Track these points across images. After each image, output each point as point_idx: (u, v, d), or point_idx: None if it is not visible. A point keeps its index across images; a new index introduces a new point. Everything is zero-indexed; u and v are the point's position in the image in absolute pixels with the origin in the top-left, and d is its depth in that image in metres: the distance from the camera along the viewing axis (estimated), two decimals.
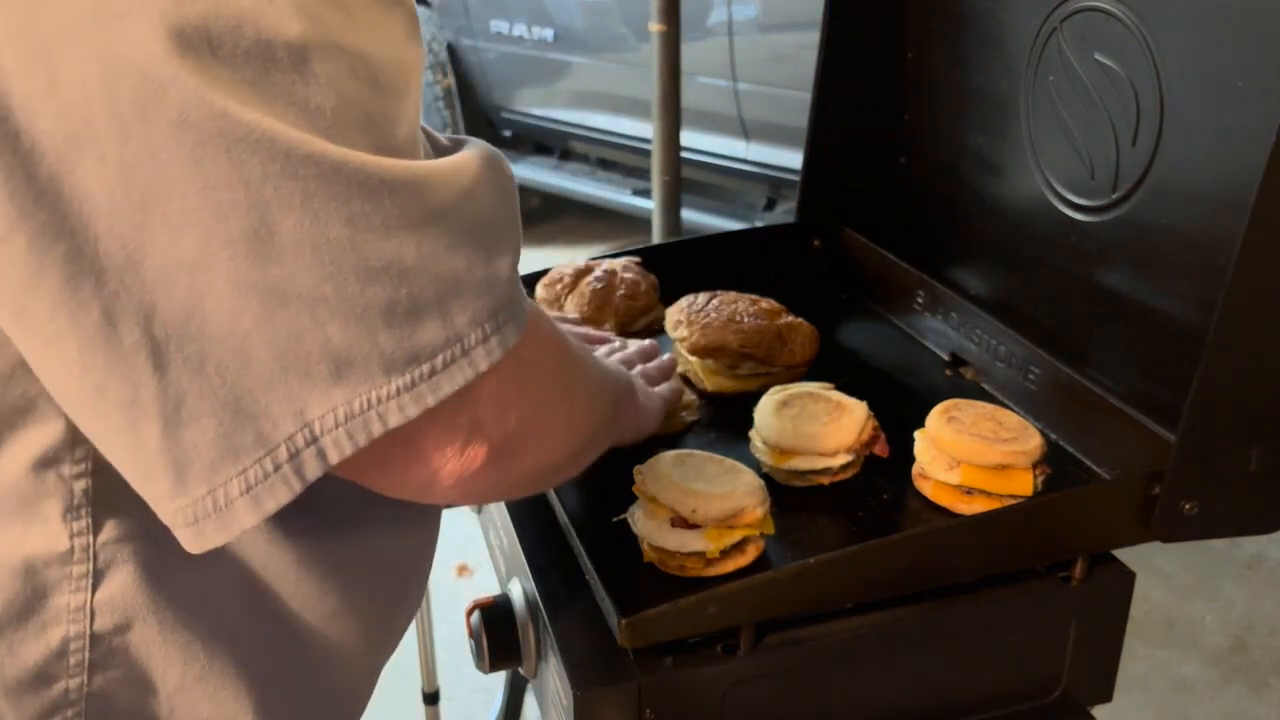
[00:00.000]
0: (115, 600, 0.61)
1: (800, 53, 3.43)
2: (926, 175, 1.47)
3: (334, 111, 0.52)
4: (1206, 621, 2.62)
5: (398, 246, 0.54)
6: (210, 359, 0.52)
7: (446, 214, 0.56)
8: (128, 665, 0.62)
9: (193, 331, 0.52)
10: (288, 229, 0.51)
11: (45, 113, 0.49)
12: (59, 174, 0.49)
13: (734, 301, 1.29)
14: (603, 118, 4.32)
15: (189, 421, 0.53)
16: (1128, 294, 1.12)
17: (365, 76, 0.54)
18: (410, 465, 0.60)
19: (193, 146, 0.49)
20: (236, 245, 0.51)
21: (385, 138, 0.55)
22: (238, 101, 0.50)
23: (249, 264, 0.51)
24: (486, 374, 0.58)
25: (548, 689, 0.97)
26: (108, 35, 0.48)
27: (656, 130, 2.54)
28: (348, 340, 0.54)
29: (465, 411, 0.60)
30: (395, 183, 0.54)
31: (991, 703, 1.01)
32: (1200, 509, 0.94)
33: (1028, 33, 1.22)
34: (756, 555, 0.93)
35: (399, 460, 0.60)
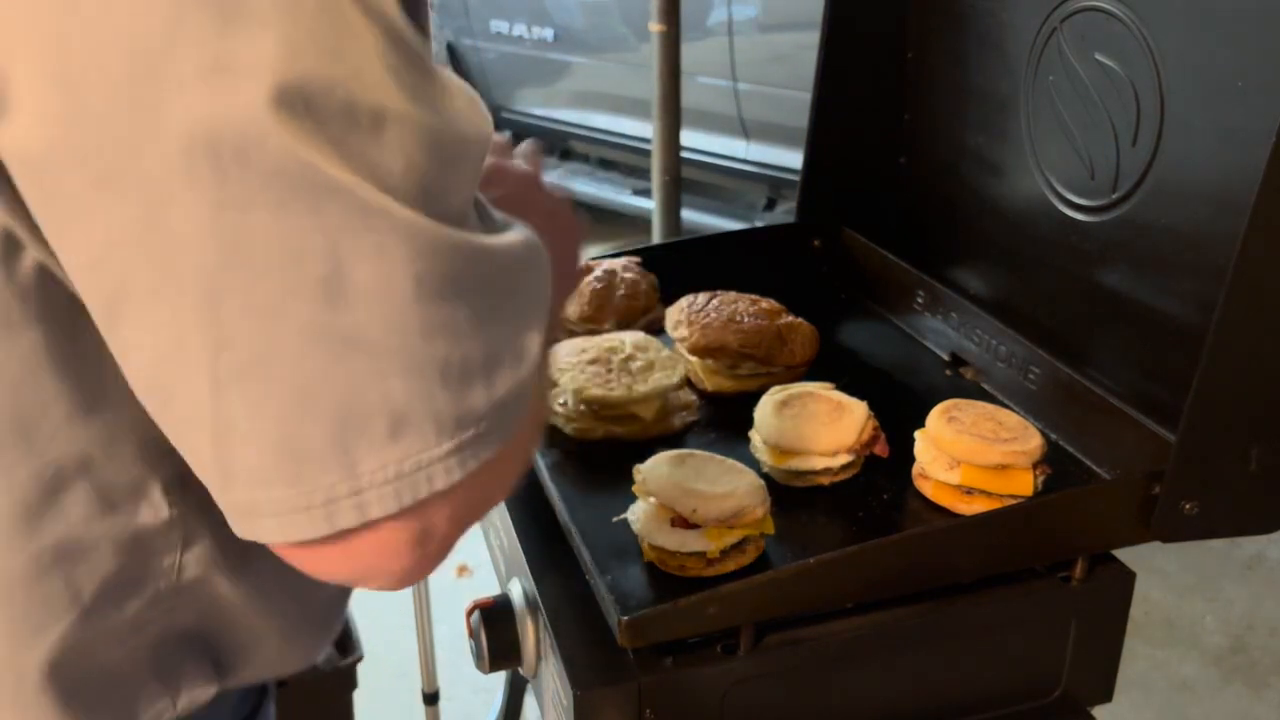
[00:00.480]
0: (199, 557, 0.70)
1: (800, 53, 3.43)
2: (926, 175, 1.48)
3: (402, 175, 0.55)
4: (1206, 621, 2.63)
5: (454, 309, 0.56)
6: (271, 400, 0.54)
7: (496, 284, 0.59)
8: (201, 605, 0.73)
9: (259, 373, 0.54)
10: (360, 278, 0.53)
11: (150, 153, 0.52)
12: (156, 212, 0.53)
13: (734, 301, 1.29)
14: (603, 118, 4.32)
15: (239, 444, 0.55)
16: (1128, 294, 1.12)
17: (429, 146, 0.57)
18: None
19: (281, 193, 0.52)
20: (312, 290, 0.53)
21: (441, 205, 0.57)
22: (323, 156, 0.53)
23: (322, 309, 0.53)
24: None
25: (547, 689, 0.97)
26: (220, 87, 0.51)
27: (656, 130, 2.54)
28: (408, 396, 0.55)
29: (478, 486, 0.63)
30: (454, 247, 0.57)
31: (991, 703, 1.01)
32: (1200, 509, 0.94)
33: (1028, 33, 1.22)
34: (756, 555, 0.94)
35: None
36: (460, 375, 0.57)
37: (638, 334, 1.23)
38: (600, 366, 1.14)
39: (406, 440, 0.56)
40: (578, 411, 1.14)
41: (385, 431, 0.55)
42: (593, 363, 1.15)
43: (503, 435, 0.60)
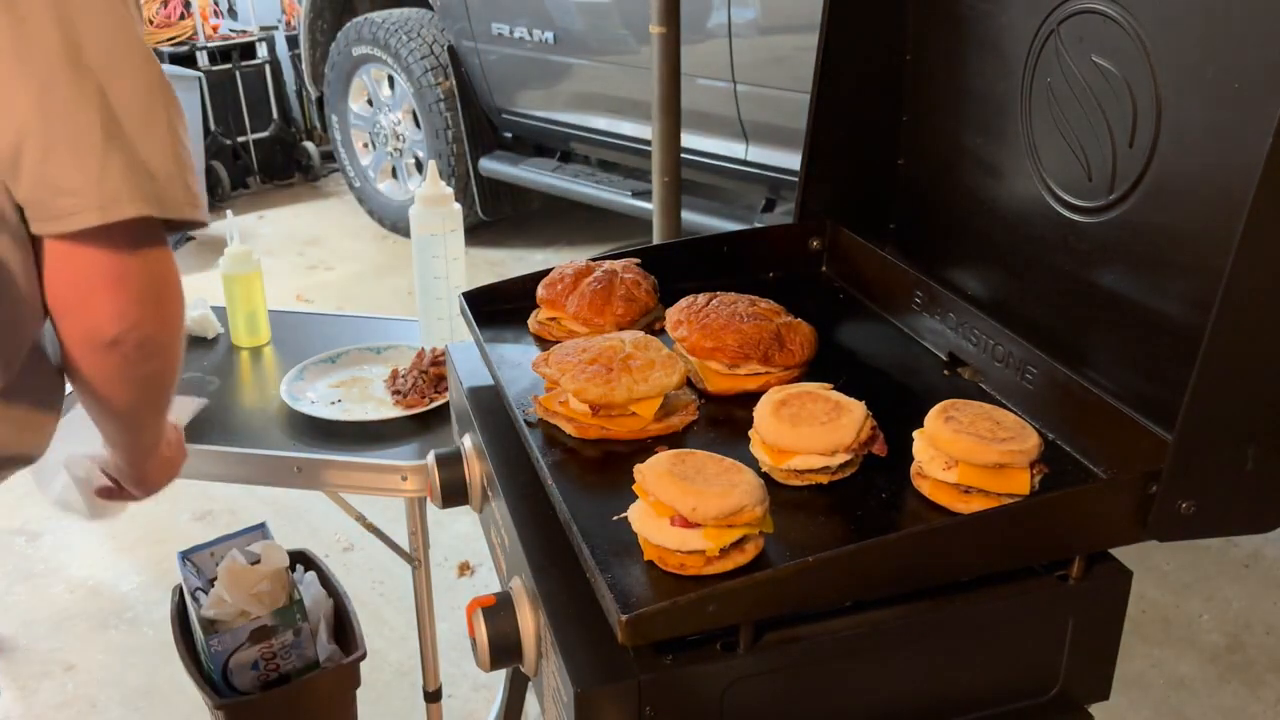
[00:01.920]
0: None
1: (799, 54, 3.43)
2: (925, 176, 1.48)
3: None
4: (1203, 620, 2.63)
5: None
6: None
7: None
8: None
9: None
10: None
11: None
12: None
13: (734, 301, 1.30)
14: (603, 119, 4.32)
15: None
16: (1125, 294, 1.12)
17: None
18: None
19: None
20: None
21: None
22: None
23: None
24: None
25: (548, 687, 0.97)
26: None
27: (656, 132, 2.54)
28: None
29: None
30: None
31: (989, 701, 1.01)
32: (1197, 508, 0.94)
33: (1025, 35, 1.22)
34: (756, 553, 0.94)
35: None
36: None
37: (638, 334, 1.23)
38: (600, 366, 1.15)
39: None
40: (578, 411, 1.15)
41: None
42: (593, 363, 1.15)
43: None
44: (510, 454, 1.20)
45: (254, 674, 1.68)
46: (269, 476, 1.69)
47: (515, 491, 1.15)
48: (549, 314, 1.39)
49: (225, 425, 1.75)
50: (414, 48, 4.74)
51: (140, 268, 1.04)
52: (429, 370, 1.79)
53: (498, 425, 1.26)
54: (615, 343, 1.19)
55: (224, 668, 1.66)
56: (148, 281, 1.05)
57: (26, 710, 2.43)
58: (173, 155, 1.03)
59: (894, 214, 1.53)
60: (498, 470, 1.19)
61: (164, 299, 1.08)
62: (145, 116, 1.01)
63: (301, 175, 6.10)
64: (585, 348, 1.18)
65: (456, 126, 4.76)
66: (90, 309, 1.04)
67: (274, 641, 1.68)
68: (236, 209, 5.33)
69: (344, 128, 5.32)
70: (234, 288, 1.98)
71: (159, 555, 2.90)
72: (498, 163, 4.76)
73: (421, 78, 4.73)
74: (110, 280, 1.03)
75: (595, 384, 1.13)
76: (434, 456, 1.32)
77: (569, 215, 5.21)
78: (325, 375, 1.86)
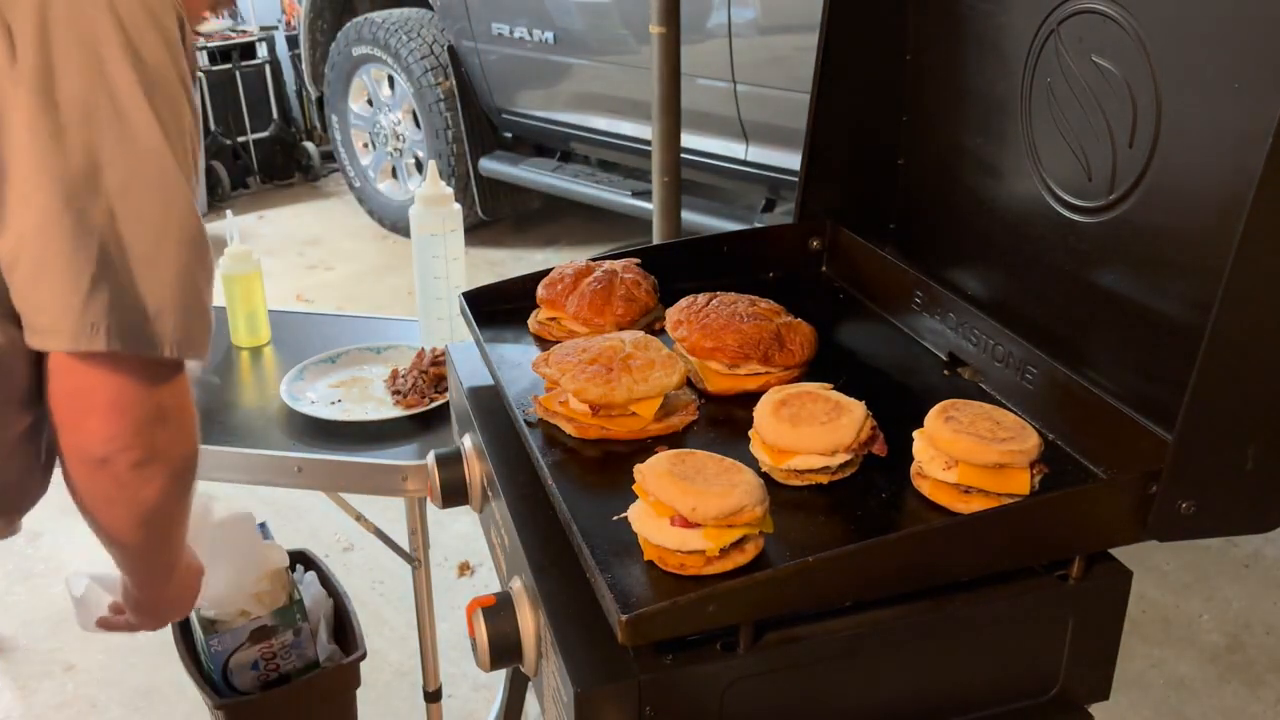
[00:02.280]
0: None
1: (799, 54, 3.43)
2: (925, 176, 1.48)
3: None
4: (1203, 620, 2.63)
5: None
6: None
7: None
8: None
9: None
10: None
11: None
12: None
13: (734, 302, 1.30)
14: (603, 119, 4.32)
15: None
16: (1125, 294, 1.12)
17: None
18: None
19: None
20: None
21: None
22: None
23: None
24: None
25: (548, 687, 0.97)
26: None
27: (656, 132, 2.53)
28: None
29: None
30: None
31: (989, 700, 1.01)
32: (1197, 508, 0.94)
33: (1025, 35, 1.22)
34: (756, 553, 0.94)
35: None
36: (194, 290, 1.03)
37: (638, 334, 1.23)
38: (600, 366, 1.15)
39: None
40: (578, 411, 1.15)
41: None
42: (593, 363, 1.15)
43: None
44: (510, 454, 1.20)
45: (254, 674, 1.68)
46: (269, 476, 1.69)
47: (515, 491, 1.15)
48: (549, 314, 1.39)
49: (225, 425, 1.75)
50: (414, 48, 4.74)
51: (139, 395, 1.02)
52: (429, 370, 1.79)
53: (498, 425, 1.26)
54: (615, 343, 1.19)
55: (224, 668, 1.66)
56: (148, 409, 1.04)
57: (26, 710, 2.43)
58: (173, 296, 1.01)
59: (894, 214, 1.53)
60: (498, 470, 1.19)
61: (167, 426, 1.06)
62: (153, 253, 0.99)
63: (301, 175, 6.10)
64: (585, 348, 1.18)
65: (456, 126, 4.76)
66: (82, 427, 1.03)
67: (274, 641, 1.68)
68: (236, 209, 5.33)
69: (344, 128, 5.32)
70: (234, 288, 1.98)
71: None
72: (498, 163, 4.76)
73: (421, 78, 4.73)
74: (104, 403, 1.02)
75: (595, 384, 1.13)
76: (434, 456, 1.32)
77: (569, 215, 5.21)
78: (325, 375, 1.86)
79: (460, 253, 1.87)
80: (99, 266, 0.96)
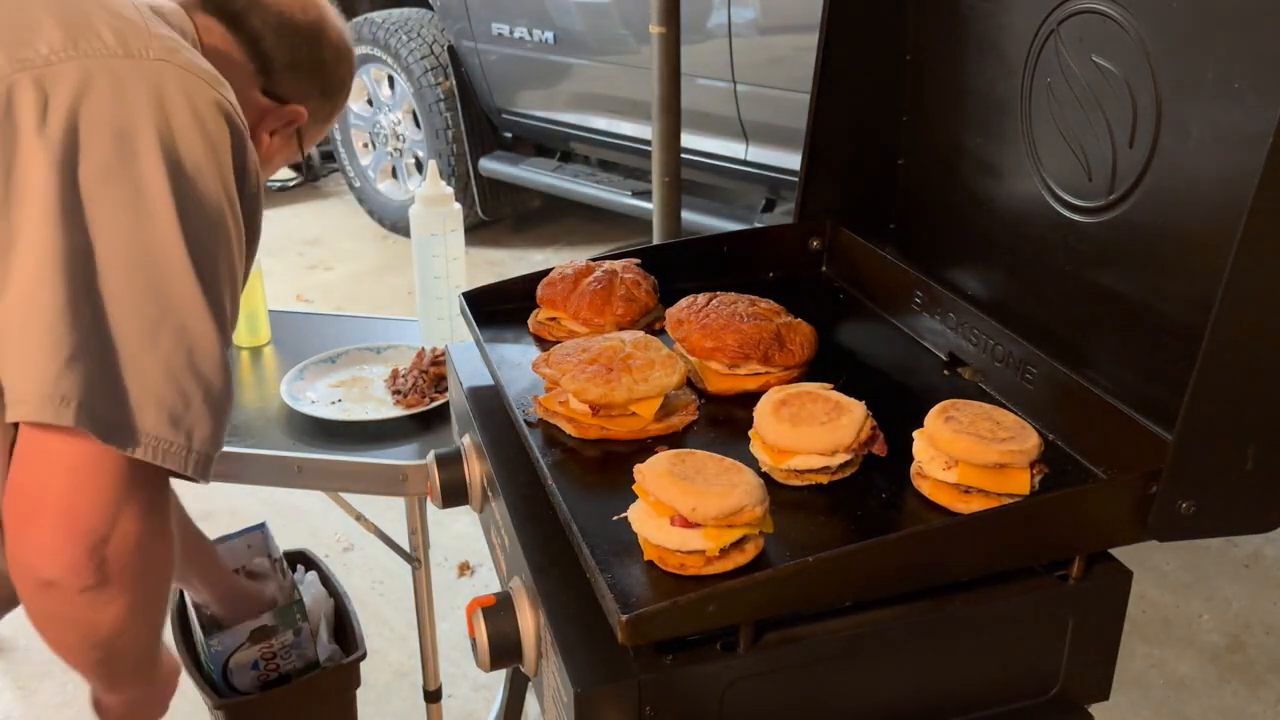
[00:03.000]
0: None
1: (799, 54, 3.43)
2: (925, 176, 1.48)
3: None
4: (1203, 620, 2.63)
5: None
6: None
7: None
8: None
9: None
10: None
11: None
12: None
13: (734, 302, 1.30)
14: (603, 119, 4.32)
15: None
16: (1125, 294, 1.12)
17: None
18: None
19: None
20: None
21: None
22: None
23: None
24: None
25: (548, 687, 0.97)
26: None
27: (656, 132, 2.54)
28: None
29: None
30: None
31: (989, 701, 1.01)
32: (1197, 508, 0.94)
33: (1025, 35, 1.22)
34: (756, 553, 0.94)
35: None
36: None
37: (638, 334, 1.23)
38: (600, 366, 1.15)
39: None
40: (578, 411, 1.15)
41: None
42: (593, 363, 1.15)
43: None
44: (510, 454, 1.20)
45: (254, 674, 1.68)
46: (269, 476, 1.69)
47: (515, 491, 1.15)
48: (549, 314, 1.39)
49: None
50: (414, 48, 4.74)
51: (99, 502, 0.93)
52: (429, 370, 1.79)
53: (498, 425, 1.26)
54: (615, 343, 1.19)
55: (224, 668, 1.66)
56: (107, 524, 0.94)
57: (26, 710, 2.43)
58: (159, 395, 0.95)
59: (894, 214, 1.53)
60: (498, 470, 1.19)
61: (132, 553, 0.96)
62: (142, 347, 0.94)
63: (301, 175, 6.10)
64: (585, 348, 1.18)
65: (456, 126, 4.76)
66: (27, 536, 0.94)
67: (274, 641, 1.68)
68: None
69: (344, 128, 5.32)
70: None
71: None
72: (498, 163, 4.76)
73: (421, 78, 4.73)
74: (57, 505, 0.93)
75: (595, 384, 1.13)
76: (434, 456, 1.32)
77: (569, 215, 5.21)
78: (325, 375, 1.86)
79: (460, 253, 1.87)
80: (81, 342, 0.92)
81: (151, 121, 0.95)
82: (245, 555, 1.86)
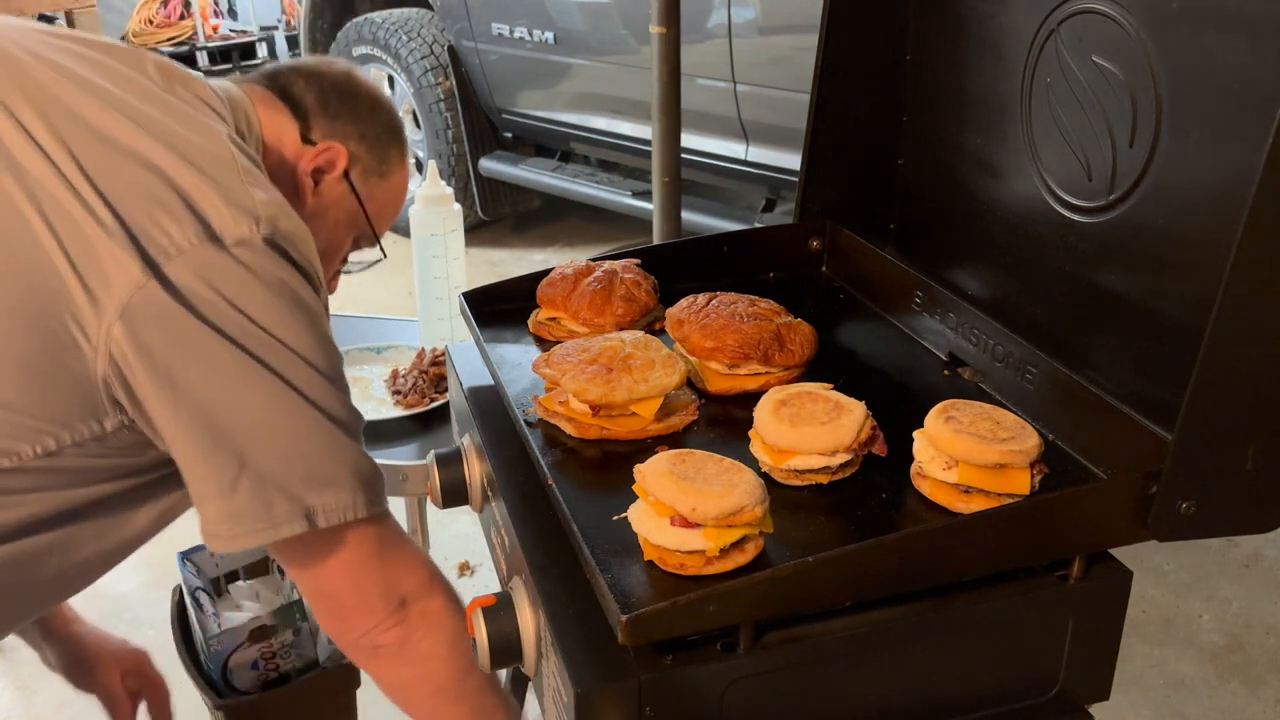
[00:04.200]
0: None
1: (799, 55, 3.43)
2: (925, 176, 1.48)
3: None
4: (1203, 620, 2.63)
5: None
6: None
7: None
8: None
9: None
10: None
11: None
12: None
13: (733, 302, 1.30)
14: (603, 119, 4.32)
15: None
16: (1125, 294, 1.12)
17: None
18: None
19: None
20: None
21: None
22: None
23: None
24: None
25: (548, 687, 0.97)
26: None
27: (656, 132, 2.54)
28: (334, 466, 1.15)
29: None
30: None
31: (989, 700, 1.01)
32: (1197, 508, 0.94)
33: (1026, 35, 1.22)
34: (756, 553, 0.94)
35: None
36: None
37: (638, 334, 1.23)
38: (600, 366, 1.15)
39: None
40: (578, 411, 1.15)
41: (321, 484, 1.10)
42: (593, 363, 1.15)
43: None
44: (510, 454, 1.20)
45: (254, 674, 1.68)
46: None
47: (515, 491, 1.15)
48: (549, 314, 1.39)
49: None
50: (414, 48, 4.74)
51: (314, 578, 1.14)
52: (429, 370, 1.79)
53: (498, 425, 1.26)
54: (615, 343, 1.19)
55: (224, 667, 1.66)
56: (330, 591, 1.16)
57: (26, 710, 2.43)
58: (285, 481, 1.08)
59: (894, 214, 1.54)
60: (498, 470, 1.19)
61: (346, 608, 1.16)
62: (283, 458, 1.09)
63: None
64: (585, 348, 1.18)
65: (456, 126, 4.76)
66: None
67: (274, 641, 1.68)
68: None
69: None
70: None
71: (159, 555, 2.88)
72: (498, 163, 4.76)
73: (421, 78, 4.73)
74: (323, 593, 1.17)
75: (595, 384, 1.13)
76: (434, 456, 1.32)
77: (569, 215, 5.21)
78: None
79: (460, 253, 1.87)
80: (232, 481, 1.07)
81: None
82: (245, 555, 1.86)
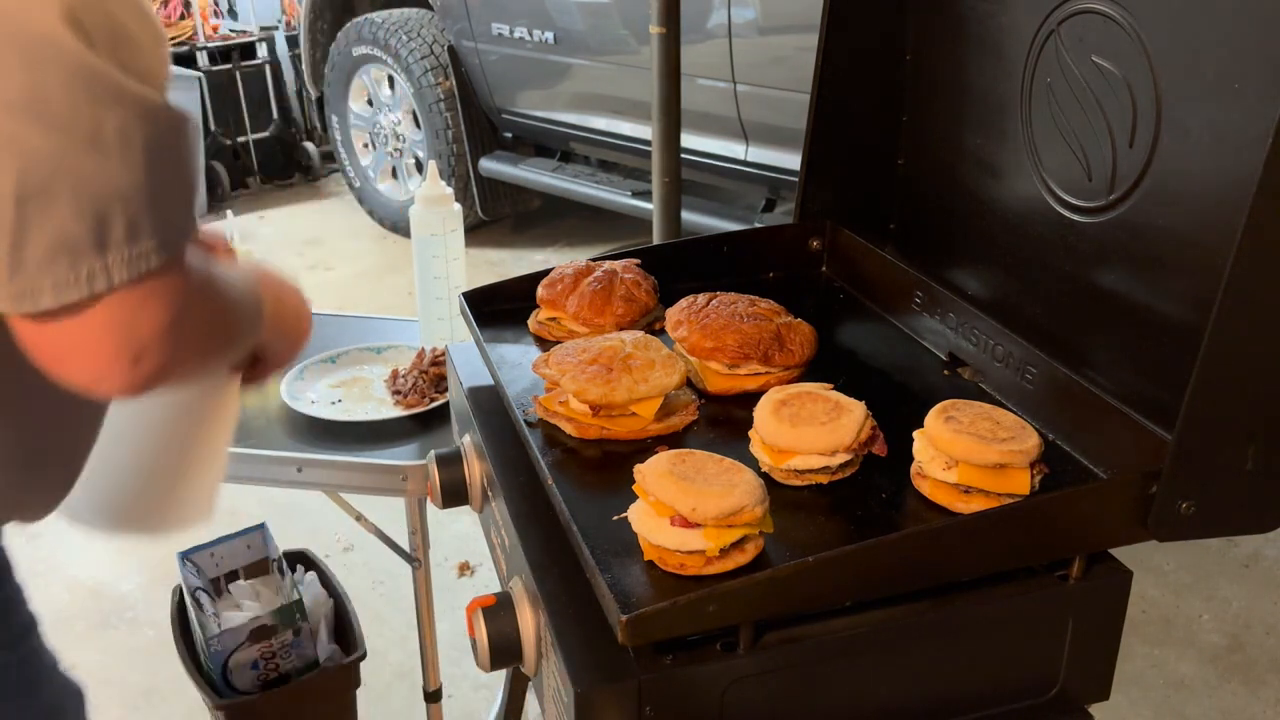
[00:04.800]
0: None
1: (799, 55, 3.43)
2: (925, 176, 1.48)
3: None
4: (1203, 620, 2.63)
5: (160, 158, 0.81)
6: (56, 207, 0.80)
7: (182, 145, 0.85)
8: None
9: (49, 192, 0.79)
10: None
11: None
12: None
13: (733, 302, 1.30)
14: (603, 120, 4.32)
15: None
16: (1125, 294, 1.12)
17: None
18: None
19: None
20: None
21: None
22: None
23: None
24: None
25: (548, 687, 0.97)
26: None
27: (656, 132, 2.54)
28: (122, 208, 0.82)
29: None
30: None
31: (989, 700, 1.01)
32: (1197, 508, 0.94)
33: (1026, 35, 1.22)
34: (756, 553, 0.94)
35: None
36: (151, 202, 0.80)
37: (638, 334, 1.23)
38: (600, 366, 1.15)
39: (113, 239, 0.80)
40: (578, 411, 1.15)
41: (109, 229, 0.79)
42: (593, 363, 1.15)
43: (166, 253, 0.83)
44: (510, 454, 1.20)
45: (254, 674, 1.68)
46: (269, 476, 1.69)
47: (515, 491, 1.15)
48: (549, 314, 1.39)
49: None
50: (414, 48, 4.74)
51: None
52: (429, 370, 1.79)
53: (498, 425, 1.26)
54: (615, 343, 1.19)
55: (224, 667, 1.66)
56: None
57: None
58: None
59: (894, 214, 1.54)
60: (498, 470, 1.19)
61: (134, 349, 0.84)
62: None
63: (301, 175, 6.10)
64: (585, 348, 1.18)
65: (456, 126, 4.76)
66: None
67: (274, 641, 1.68)
68: (236, 209, 5.33)
69: (344, 128, 5.32)
70: None
71: (159, 555, 2.90)
72: (498, 163, 4.76)
73: (421, 78, 4.73)
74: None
75: (595, 384, 1.13)
76: (434, 456, 1.32)
77: (569, 215, 5.21)
78: (325, 375, 1.86)
79: (460, 253, 1.87)
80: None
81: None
82: (245, 555, 1.86)
